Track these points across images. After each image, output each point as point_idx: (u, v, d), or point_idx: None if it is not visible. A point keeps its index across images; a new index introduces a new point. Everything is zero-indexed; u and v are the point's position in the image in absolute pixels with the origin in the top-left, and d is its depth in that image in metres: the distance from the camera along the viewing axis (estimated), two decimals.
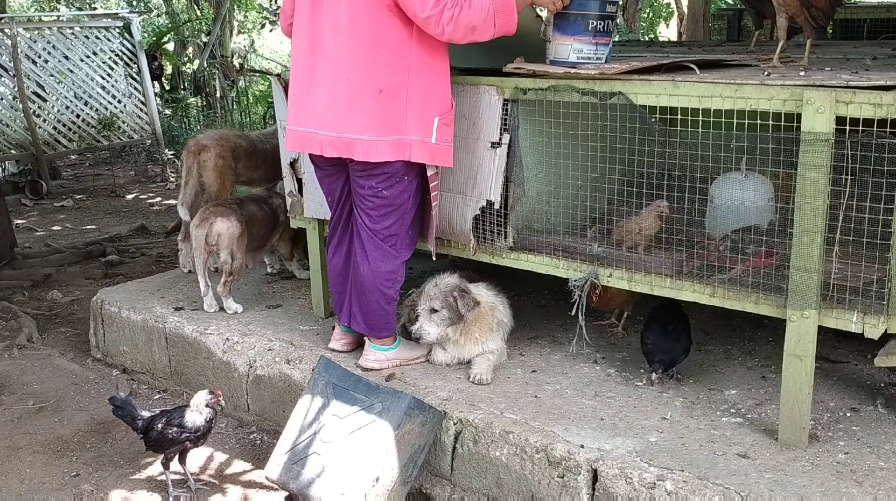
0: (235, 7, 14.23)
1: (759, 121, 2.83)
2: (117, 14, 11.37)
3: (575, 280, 3.32)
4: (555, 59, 3.32)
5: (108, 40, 10.39)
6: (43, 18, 14.22)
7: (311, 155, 3.52)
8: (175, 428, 3.29)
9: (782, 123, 2.80)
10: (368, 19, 3.13)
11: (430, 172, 3.38)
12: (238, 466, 3.63)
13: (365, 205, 3.41)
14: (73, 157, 11.01)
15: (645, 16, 16.73)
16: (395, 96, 3.19)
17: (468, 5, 3.08)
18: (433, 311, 3.50)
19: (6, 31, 9.27)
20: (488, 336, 3.60)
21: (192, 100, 12.34)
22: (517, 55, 3.44)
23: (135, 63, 10.54)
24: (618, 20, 3.71)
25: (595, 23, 3.25)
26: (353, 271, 3.57)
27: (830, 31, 8.05)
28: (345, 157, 3.29)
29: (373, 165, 3.27)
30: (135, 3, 15.75)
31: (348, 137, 3.23)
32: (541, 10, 3.49)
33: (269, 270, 5.05)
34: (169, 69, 12.62)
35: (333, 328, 3.90)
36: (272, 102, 6.48)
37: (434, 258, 3.58)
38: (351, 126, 3.23)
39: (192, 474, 3.46)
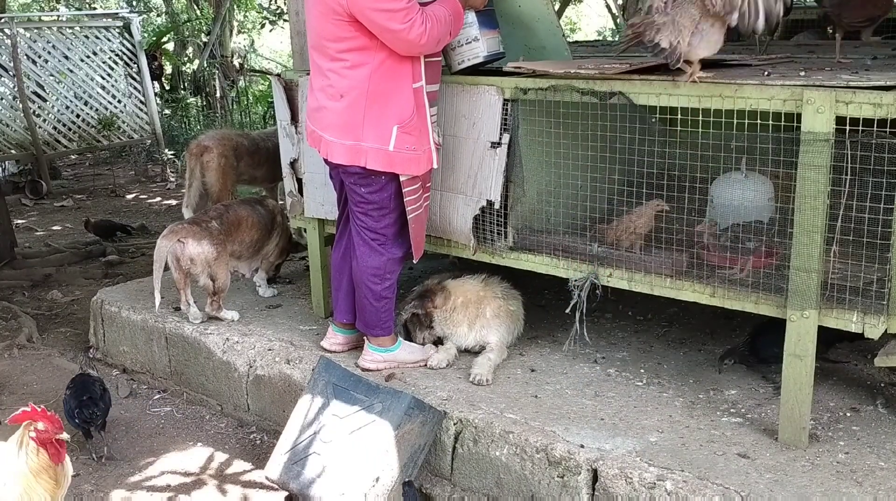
0: (235, 7, 14.23)
1: (759, 121, 2.83)
2: (117, 14, 11.38)
3: (575, 280, 3.32)
4: (489, 54, 3.48)
5: (108, 40, 10.39)
6: (43, 18, 14.20)
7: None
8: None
9: (782, 123, 2.80)
10: (330, 29, 3.21)
11: (402, 178, 3.36)
12: (238, 466, 3.63)
13: (351, 200, 3.50)
14: (73, 157, 11.02)
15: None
16: (353, 103, 3.25)
17: (435, 20, 3.15)
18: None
19: (6, 31, 9.28)
20: (481, 323, 3.65)
21: (192, 100, 12.35)
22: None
23: (135, 63, 10.55)
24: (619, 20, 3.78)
25: (495, 15, 3.52)
26: None
27: (831, 31, 8.04)
28: (316, 148, 3.45)
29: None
30: (135, 3, 15.76)
31: (318, 132, 3.39)
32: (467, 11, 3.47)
33: None
34: (169, 69, 12.64)
35: None
36: (272, 102, 6.47)
37: (415, 261, 3.61)
38: (320, 123, 3.38)
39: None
